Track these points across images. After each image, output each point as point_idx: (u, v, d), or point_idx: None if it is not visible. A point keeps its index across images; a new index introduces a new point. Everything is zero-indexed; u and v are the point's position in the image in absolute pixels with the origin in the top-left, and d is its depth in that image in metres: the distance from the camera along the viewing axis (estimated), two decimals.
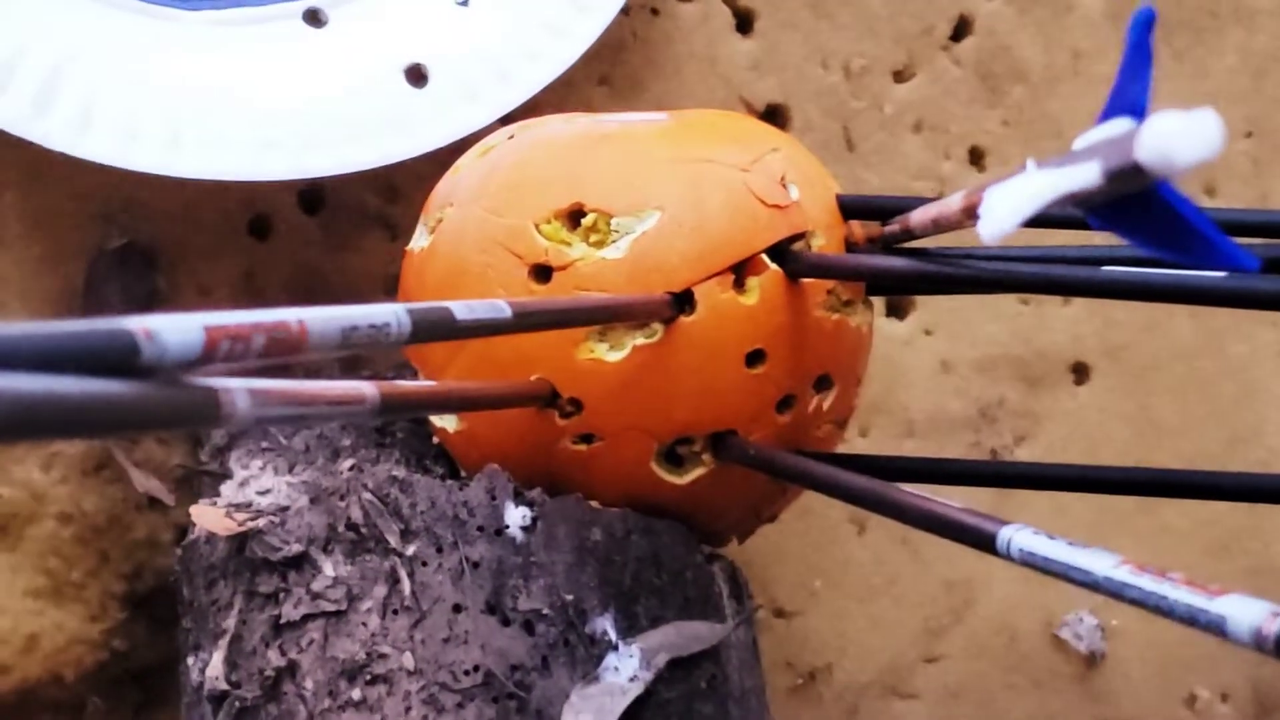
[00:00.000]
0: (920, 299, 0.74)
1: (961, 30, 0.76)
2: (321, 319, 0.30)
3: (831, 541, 0.72)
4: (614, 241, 0.53)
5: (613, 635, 0.52)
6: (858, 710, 0.72)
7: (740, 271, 0.53)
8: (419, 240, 0.57)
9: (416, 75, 0.64)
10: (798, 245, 0.54)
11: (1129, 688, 0.75)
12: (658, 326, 0.52)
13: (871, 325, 0.58)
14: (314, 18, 0.64)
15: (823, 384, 0.55)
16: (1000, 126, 0.76)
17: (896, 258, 0.54)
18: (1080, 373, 0.77)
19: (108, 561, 0.64)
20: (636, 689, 0.51)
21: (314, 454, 0.60)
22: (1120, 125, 0.33)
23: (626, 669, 0.51)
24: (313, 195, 0.67)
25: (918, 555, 0.73)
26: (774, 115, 0.74)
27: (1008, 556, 0.36)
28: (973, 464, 0.71)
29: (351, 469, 0.57)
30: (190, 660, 0.56)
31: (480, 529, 0.52)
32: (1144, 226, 0.34)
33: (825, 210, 0.55)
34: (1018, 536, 0.36)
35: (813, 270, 0.54)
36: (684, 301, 0.52)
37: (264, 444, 0.60)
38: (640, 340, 0.52)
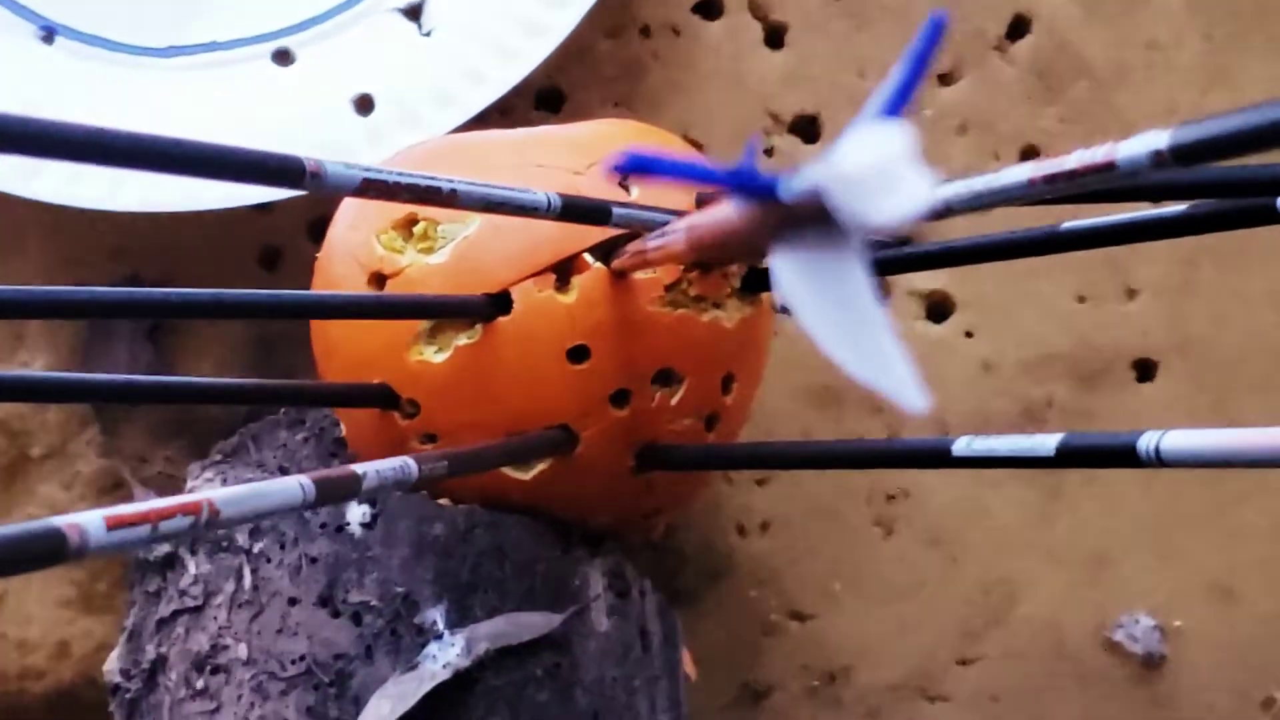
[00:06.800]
0: (960, 302, 0.72)
1: (1018, 30, 0.74)
2: None
3: (854, 544, 0.71)
4: (440, 247, 0.55)
5: (441, 625, 0.54)
6: (880, 712, 0.70)
7: (564, 271, 0.54)
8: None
9: (364, 104, 0.68)
10: (633, 244, 0.55)
11: (1195, 691, 0.71)
12: (478, 327, 0.54)
13: (751, 319, 0.58)
14: (283, 57, 0.69)
15: (665, 379, 0.56)
16: (1057, 124, 0.74)
17: None
18: (1145, 369, 0.73)
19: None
20: (445, 675, 0.53)
21: (270, 469, 0.64)
22: None
23: (445, 657, 0.53)
24: (320, 225, 0.71)
25: (950, 558, 0.71)
26: (804, 125, 0.73)
27: None
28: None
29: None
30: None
31: (322, 526, 0.55)
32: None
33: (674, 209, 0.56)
34: None
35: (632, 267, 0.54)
36: (502, 302, 0.54)
37: (217, 459, 0.64)
38: (463, 341, 0.54)
